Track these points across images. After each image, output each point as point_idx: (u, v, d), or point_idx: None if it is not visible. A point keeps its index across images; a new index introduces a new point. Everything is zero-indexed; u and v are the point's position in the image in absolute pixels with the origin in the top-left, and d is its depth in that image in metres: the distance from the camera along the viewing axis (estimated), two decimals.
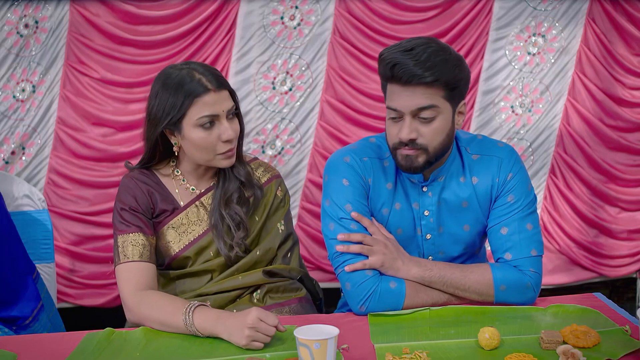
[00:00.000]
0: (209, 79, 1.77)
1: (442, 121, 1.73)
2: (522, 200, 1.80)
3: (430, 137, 1.72)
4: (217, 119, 1.78)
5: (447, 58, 1.69)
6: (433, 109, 1.70)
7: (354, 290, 1.74)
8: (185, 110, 1.76)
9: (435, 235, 1.86)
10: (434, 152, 1.74)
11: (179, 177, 1.91)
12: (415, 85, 1.68)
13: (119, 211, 1.85)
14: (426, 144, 1.73)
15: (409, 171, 1.76)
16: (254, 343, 1.55)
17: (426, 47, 1.68)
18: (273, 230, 1.93)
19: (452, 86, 1.70)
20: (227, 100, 1.80)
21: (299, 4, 3.30)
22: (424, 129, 1.72)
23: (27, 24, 3.16)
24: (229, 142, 1.80)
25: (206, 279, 1.89)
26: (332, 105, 3.37)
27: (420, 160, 1.74)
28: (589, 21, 3.40)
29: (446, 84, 1.69)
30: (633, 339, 1.56)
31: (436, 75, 1.67)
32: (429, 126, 1.72)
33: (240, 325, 1.56)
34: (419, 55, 1.67)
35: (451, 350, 1.54)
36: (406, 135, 1.71)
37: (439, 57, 1.68)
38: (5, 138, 3.22)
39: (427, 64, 1.66)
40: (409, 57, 1.67)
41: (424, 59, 1.66)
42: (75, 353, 1.57)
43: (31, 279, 2.13)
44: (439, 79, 1.67)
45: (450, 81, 1.69)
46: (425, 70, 1.66)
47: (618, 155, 3.54)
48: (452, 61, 1.70)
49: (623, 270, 3.60)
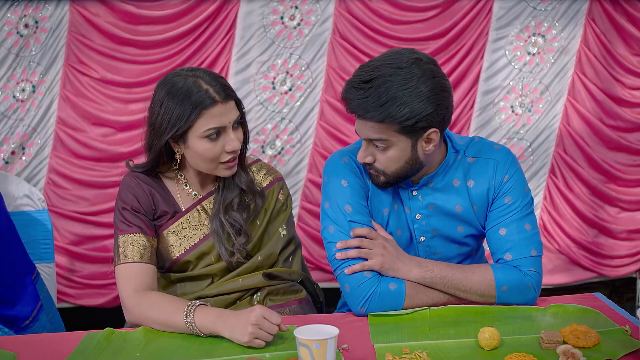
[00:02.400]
0: (217, 89, 1.74)
1: (397, 151, 1.70)
2: (519, 201, 1.80)
3: (385, 164, 1.73)
4: (223, 131, 1.76)
5: (409, 93, 1.62)
6: (383, 141, 1.69)
7: (353, 292, 1.73)
8: (192, 122, 1.73)
9: (428, 237, 1.85)
10: (393, 176, 1.75)
11: (182, 181, 1.89)
12: (365, 120, 1.66)
13: (120, 210, 1.84)
14: (382, 169, 1.74)
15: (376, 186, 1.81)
16: (256, 341, 1.55)
17: (388, 79, 1.62)
18: (275, 236, 1.92)
19: (407, 124, 1.65)
20: (233, 110, 1.78)
21: (299, 4, 3.30)
22: (379, 156, 1.73)
23: (27, 24, 3.16)
24: (232, 152, 1.79)
25: (207, 282, 1.89)
26: (332, 105, 3.37)
27: (381, 179, 1.77)
28: (588, 21, 3.41)
29: (399, 122, 1.64)
30: (633, 339, 1.56)
31: (382, 116, 1.62)
32: (383, 154, 1.72)
33: (242, 322, 1.56)
34: (370, 92, 1.62)
35: (451, 350, 1.54)
36: (360, 159, 1.75)
37: (399, 93, 1.61)
38: (5, 138, 3.22)
39: (376, 103, 1.62)
40: (360, 92, 1.63)
41: (373, 97, 1.61)
42: (75, 353, 1.57)
43: (30, 280, 2.12)
44: (388, 119, 1.63)
45: (402, 120, 1.64)
46: (371, 110, 1.62)
47: (618, 155, 3.54)
48: (415, 96, 1.62)
49: (623, 270, 3.60)
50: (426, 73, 1.65)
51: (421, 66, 1.65)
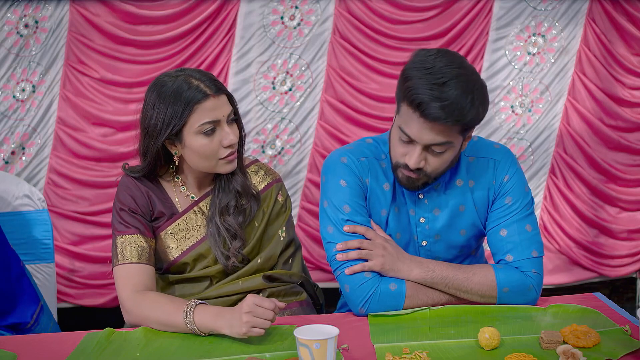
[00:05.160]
0: (207, 84, 1.74)
1: (452, 152, 1.70)
2: (520, 201, 1.79)
3: (437, 167, 1.71)
4: (218, 125, 1.76)
5: (474, 97, 1.61)
6: (446, 145, 1.67)
7: (353, 292, 1.73)
8: (186, 118, 1.73)
9: (431, 242, 1.85)
10: (435, 176, 1.74)
11: (179, 183, 1.89)
12: (439, 123, 1.62)
13: (118, 211, 1.84)
14: (430, 172, 1.72)
15: (407, 189, 1.78)
16: (254, 329, 1.55)
17: (457, 80, 1.59)
18: (274, 238, 1.92)
19: (471, 125, 1.67)
20: (226, 104, 1.78)
21: (299, 4, 3.30)
22: (433, 160, 1.70)
23: (27, 24, 3.16)
24: (230, 146, 1.78)
25: (205, 284, 1.88)
26: (332, 105, 3.37)
27: (420, 182, 1.74)
28: (589, 21, 3.40)
29: (469, 123, 1.65)
30: (633, 339, 1.56)
31: (459, 118, 1.61)
32: (438, 157, 1.69)
33: (236, 315, 1.57)
34: (448, 94, 1.59)
35: (451, 350, 1.54)
36: (414, 165, 1.69)
37: (466, 96, 1.60)
38: (5, 138, 3.22)
39: (454, 107, 1.59)
40: (436, 95, 1.59)
41: (451, 100, 1.59)
42: (75, 353, 1.57)
43: (27, 281, 2.10)
44: (462, 120, 1.62)
45: (470, 122, 1.65)
46: (449, 114, 1.60)
47: (618, 155, 3.54)
48: (478, 99, 1.63)
49: (623, 270, 3.60)
50: (476, 73, 1.67)
51: (470, 67, 1.67)
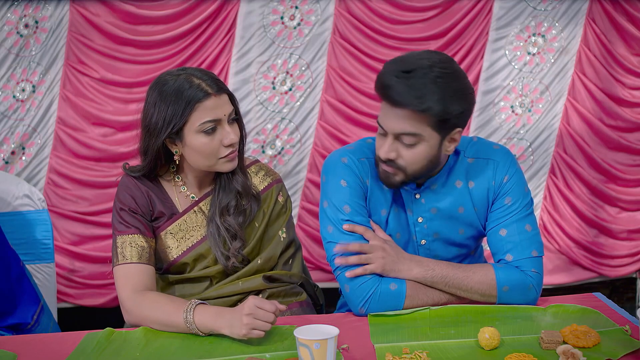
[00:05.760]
0: (209, 83, 1.74)
1: (425, 148, 1.69)
2: (519, 202, 1.79)
3: (410, 161, 1.70)
4: (219, 124, 1.76)
5: (448, 87, 1.63)
6: (416, 136, 1.67)
7: (353, 292, 1.73)
8: (187, 117, 1.73)
9: (429, 240, 1.85)
10: (412, 174, 1.73)
11: (179, 183, 1.89)
12: (403, 108, 1.64)
13: (118, 211, 1.84)
14: (405, 166, 1.71)
15: (386, 186, 1.77)
16: (254, 331, 1.55)
17: (428, 71, 1.62)
18: (274, 239, 1.92)
19: (443, 117, 1.66)
20: (227, 104, 1.78)
21: (299, 4, 3.30)
22: (405, 152, 1.70)
23: (27, 24, 3.16)
24: (230, 145, 1.78)
25: (205, 284, 1.88)
26: (332, 105, 3.37)
27: (397, 178, 1.74)
28: (589, 21, 3.41)
29: (437, 115, 1.64)
30: (633, 339, 1.56)
31: (426, 104, 1.61)
32: (410, 150, 1.69)
33: (237, 316, 1.56)
34: (415, 80, 1.61)
35: (451, 350, 1.54)
36: (384, 155, 1.71)
37: (437, 85, 1.62)
38: (5, 138, 3.22)
39: (420, 92, 1.61)
40: (403, 80, 1.62)
41: (418, 85, 1.61)
42: (75, 353, 1.57)
43: (28, 282, 2.10)
44: (429, 110, 1.62)
45: (441, 113, 1.63)
46: (416, 97, 1.61)
47: (618, 155, 3.54)
48: (452, 91, 1.63)
49: (623, 270, 3.60)
50: (459, 73, 1.68)
51: (454, 66, 1.69)
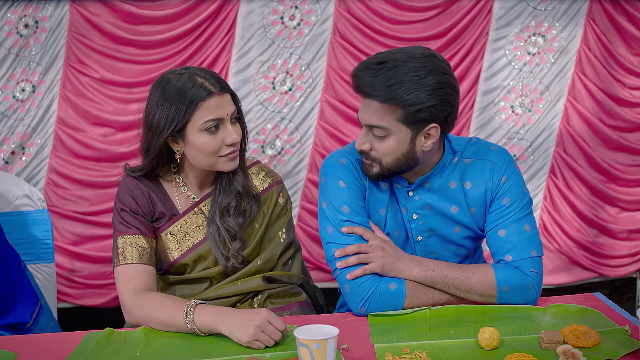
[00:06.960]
0: (212, 82, 1.75)
1: (395, 142, 1.70)
2: (517, 202, 1.79)
3: (382, 153, 1.72)
4: (221, 123, 1.76)
5: (419, 81, 1.63)
6: (383, 129, 1.69)
7: (353, 292, 1.73)
8: (189, 115, 1.73)
9: (425, 237, 1.85)
10: (387, 167, 1.74)
11: (180, 184, 1.89)
12: (370, 98, 1.67)
13: (119, 212, 1.84)
14: (379, 158, 1.73)
15: (368, 178, 1.80)
16: (256, 342, 1.55)
17: (400, 64, 1.64)
18: (274, 240, 1.92)
19: (412, 110, 1.65)
20: (230, 103, 1.78)
21: (299, 4, 3.30)
22: (377, 144, 1.72)
23: (27, 24, 3.16)
24: (232, 145, 1.78)
25: (205, 285, 1.88)
26: (332, 105, 3.37)
27: (374, 170, 1.76)
28: (589, 21, 3.41)
29: (404, 107, 1.65)
30: (633, 339, 1.56)
31: (388, 96, 1.63)
32: (381, 143, 1.71)
33: (246, 322, 1.56)
34: (382, 72, 1.63)
35: (451, 350, 1.54)
36: (358, 145, 1.75)
37: (407, 77, 1.63)
38: (5, 138, 3.22)
39: (387, 82, 1.63)
40: (371, 71, 1.65)
41: (387, 76, 1.63)
42: (75, 353, 1.57)
43: (27, 281, 2.10)
44: (394, 100, 1.63)
45: (408, 105, 1.64)
46: (382, 88, 1.63)
47: (618, 155, 3.54)
48: (424, 85, 1.64)
49: (623, 270, 3.60)
50: (438, 68, 1.67)
51: (434, 61, 1.67)
